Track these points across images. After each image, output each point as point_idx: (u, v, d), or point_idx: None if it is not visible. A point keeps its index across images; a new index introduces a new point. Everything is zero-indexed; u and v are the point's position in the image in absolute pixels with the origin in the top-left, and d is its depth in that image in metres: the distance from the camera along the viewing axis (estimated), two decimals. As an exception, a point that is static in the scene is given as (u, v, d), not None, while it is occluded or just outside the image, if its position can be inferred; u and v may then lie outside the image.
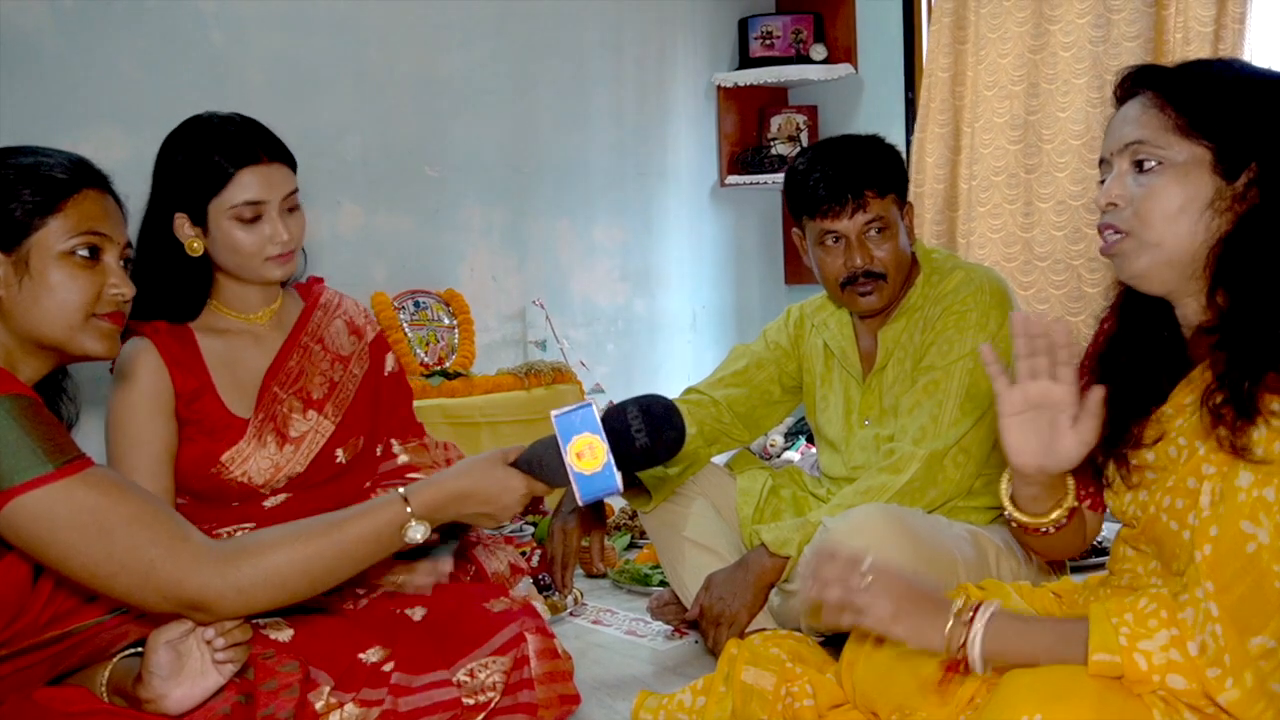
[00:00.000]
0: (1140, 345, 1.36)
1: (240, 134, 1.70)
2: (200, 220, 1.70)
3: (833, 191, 2.01)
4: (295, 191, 1.75)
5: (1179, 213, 1.23)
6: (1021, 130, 3.62)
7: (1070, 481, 1.38)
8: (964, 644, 1.22)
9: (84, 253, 1.32)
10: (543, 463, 1.36)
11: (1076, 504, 1.41)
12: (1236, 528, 1.11)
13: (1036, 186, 3.59)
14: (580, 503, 1.35)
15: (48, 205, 1.30)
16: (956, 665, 1.26)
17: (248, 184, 1.68)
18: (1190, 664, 1.10)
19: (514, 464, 1.38)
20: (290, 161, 1.75)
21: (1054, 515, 1.39)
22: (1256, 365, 1.16)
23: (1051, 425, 1.27)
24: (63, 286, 1.30)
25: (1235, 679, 1.07)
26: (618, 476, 1.33)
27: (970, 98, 3.74)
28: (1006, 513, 1.44)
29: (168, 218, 1.72)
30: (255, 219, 1.69)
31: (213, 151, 1.68)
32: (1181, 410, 1.28)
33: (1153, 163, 1.25)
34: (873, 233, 2.04)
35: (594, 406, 1.34)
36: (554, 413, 1.34)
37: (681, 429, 1.39)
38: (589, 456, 1.32)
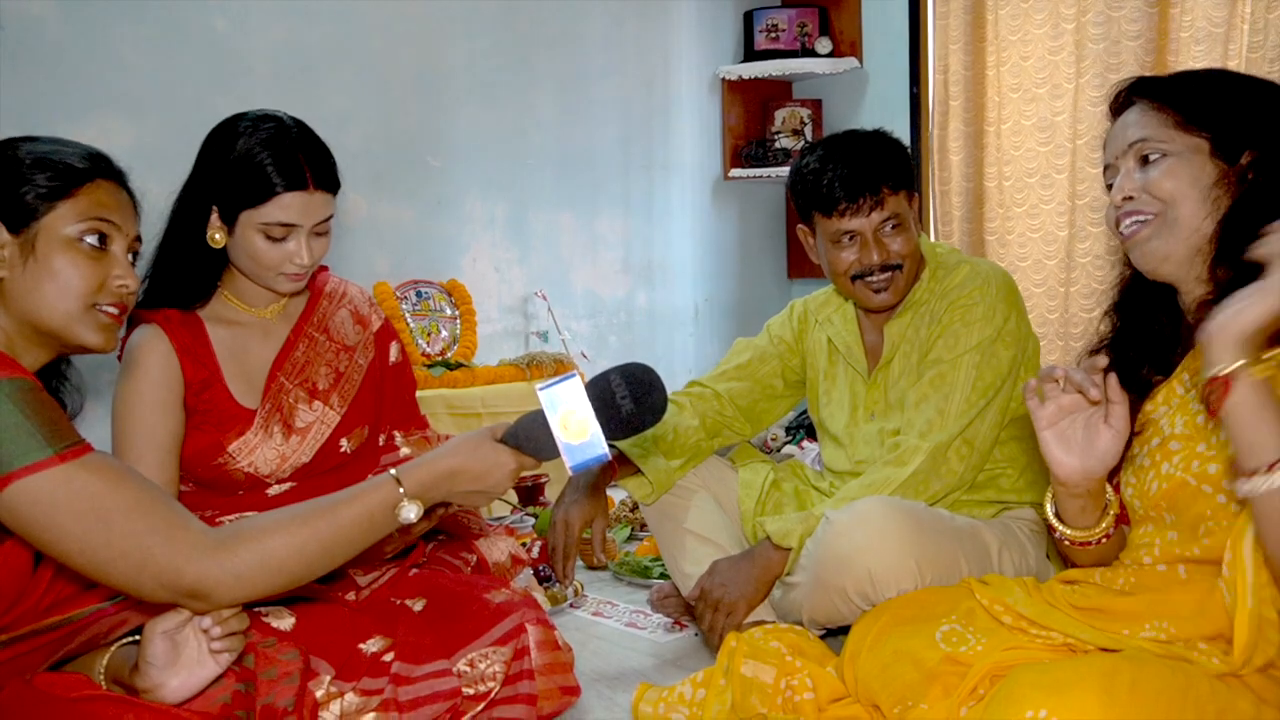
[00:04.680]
0: (1148, 325, 1.47)
1: (296, 151, 1.66)
2: (228, 220, 1.68)
3: (850, 191, 2.01)
4: (330, 218, 1.72)
5: (1189, 187, 1.34)
6: (1050, 132, 3.65)
7: (1110, 489, 1.42)
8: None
9: (92, 240, 1.31)
10: (531, 436, 1.36)
11: (1120, 510, 1.43)
12: None
13: (1070, 185, 3.62)
14: (570, 473, 1.35)
15: (61, 190, 1.30)
16: None
17: (287, 205, 1.65)
18: None
19: (502, 439, 1.38)
20: (335, 188, 1.72)
21: (1103, 525, 1.42)
22: None
23: (1087, 427, 1.32)
24: (66, 272, 1.29)
25: None
26: (606, 444, 1.33)
27: (993, 97, 3.77)
28: (1056, 534, 1.46)
29: (205, 208, 1.70)
30: (283, 238, 1.68)
31: (264, 164, 1.64)
32: (1198, 380, 1.35)
33: (1156, 155, 1.36)
34: (888, 229, 2.03)
35: (579, 377, 1.34)
36: (538, 385, 1.34)
37: (664, 393, 1.40)
38: (576, 426, 1.32)
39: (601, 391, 1.36)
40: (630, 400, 1.36)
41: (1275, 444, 1.12)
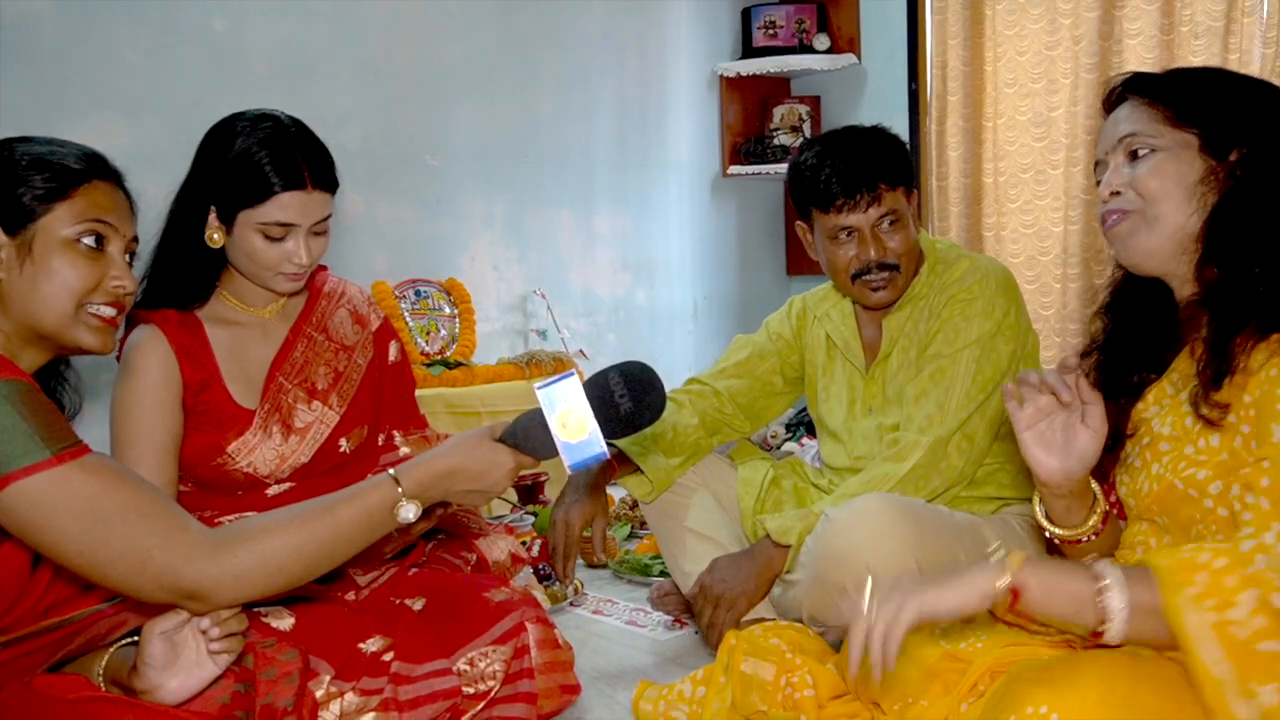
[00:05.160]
0: (1138, 326, 1.45)
1: (294, 151, 1.65)
2: (226, 220, 1.68)
3: (847, 186, 2.00)
4: (328, 217, 1.72)
5: (1175, 186, 1.33)
6: (1045, 127, 3.64)
7: (1096, 486, 1.41)
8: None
9: (89, 241, 1.31)
10: (529, 435, 1.36)
11: (1109, 507, 1.42)
12: None
13: (1065, 181, 3.62)
14: (569, 471, 1.35)
15: (58, 192, 1.29)
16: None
17: (285, 205, 1.65)
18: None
19: (500, 439, 1.38)
20: (333, 187, 1.72)
21: (1091, 523, 1.41)
22: (1234, 324, 1.26)
23: (1065, 428, 1.32)
24: (63, 272, 1.29)
25: None
26: (604, 443, 1.33)
27: (990, 92, 3.76)
28: (1047, 533, 1.45)
29: (203, 208, 1.69)
30: (281, 237, 1.67)
31: (262, 163, 1.63)
32: (1188, 380, 1.34)
33: (1145, 150, 1.35)
34: (885, 225, 2.04)
35: (577, 375, 1.34)
36: (537, 384, 1.34)
37: (663, 392, 1.40)
38: (574, 425, 1.32)
39: (600, 390, 1.36)
40: (629, 399, 1.36)
41: (1086, 591, 1.15)
